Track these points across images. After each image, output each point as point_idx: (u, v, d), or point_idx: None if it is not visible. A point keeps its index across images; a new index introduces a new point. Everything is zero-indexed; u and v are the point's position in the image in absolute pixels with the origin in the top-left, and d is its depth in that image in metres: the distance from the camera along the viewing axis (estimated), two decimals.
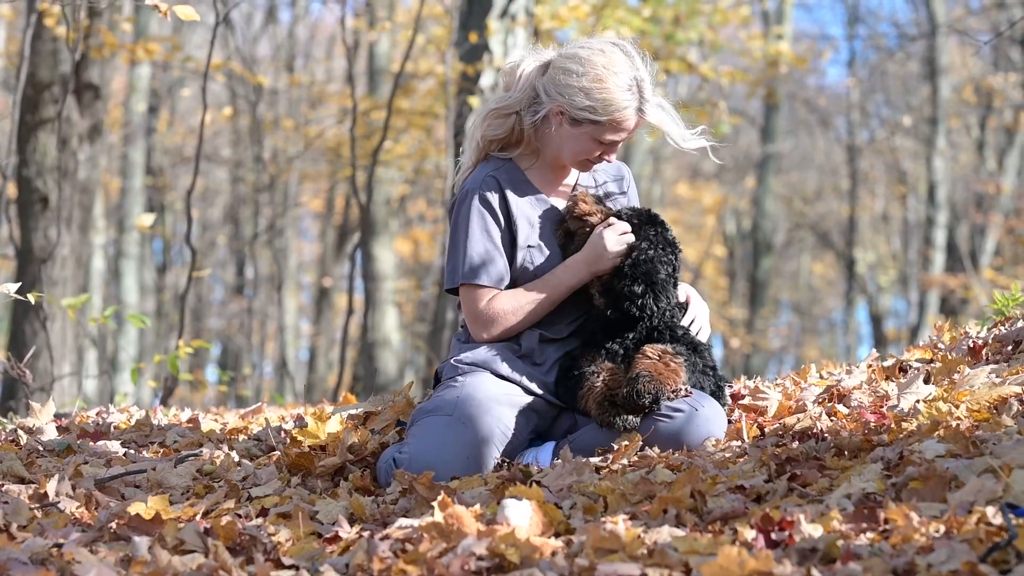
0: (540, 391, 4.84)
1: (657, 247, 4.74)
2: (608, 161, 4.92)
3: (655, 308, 4.68)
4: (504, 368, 4.86)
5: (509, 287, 4.93)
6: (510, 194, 4.95)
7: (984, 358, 5.23)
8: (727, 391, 4.95)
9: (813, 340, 44.54)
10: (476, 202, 4.93)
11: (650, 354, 4.59)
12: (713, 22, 17.72)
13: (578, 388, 4.69)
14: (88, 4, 10.74)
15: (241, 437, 5.71)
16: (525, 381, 4.84)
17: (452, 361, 4.98)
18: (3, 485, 4.49)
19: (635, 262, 4.70)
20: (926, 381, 4.84)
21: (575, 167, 4.98)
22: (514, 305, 4.86)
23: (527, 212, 4.96)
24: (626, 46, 4.85)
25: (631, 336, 4.73)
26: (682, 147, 5.04)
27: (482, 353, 4.90)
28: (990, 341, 5.35)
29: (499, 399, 4.72)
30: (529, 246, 4.92)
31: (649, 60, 4.88)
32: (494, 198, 4.92)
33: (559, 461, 4.27)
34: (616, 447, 4.44)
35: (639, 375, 4.47)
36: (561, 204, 5.05)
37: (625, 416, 4.51)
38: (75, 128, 11.63)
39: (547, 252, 4.93)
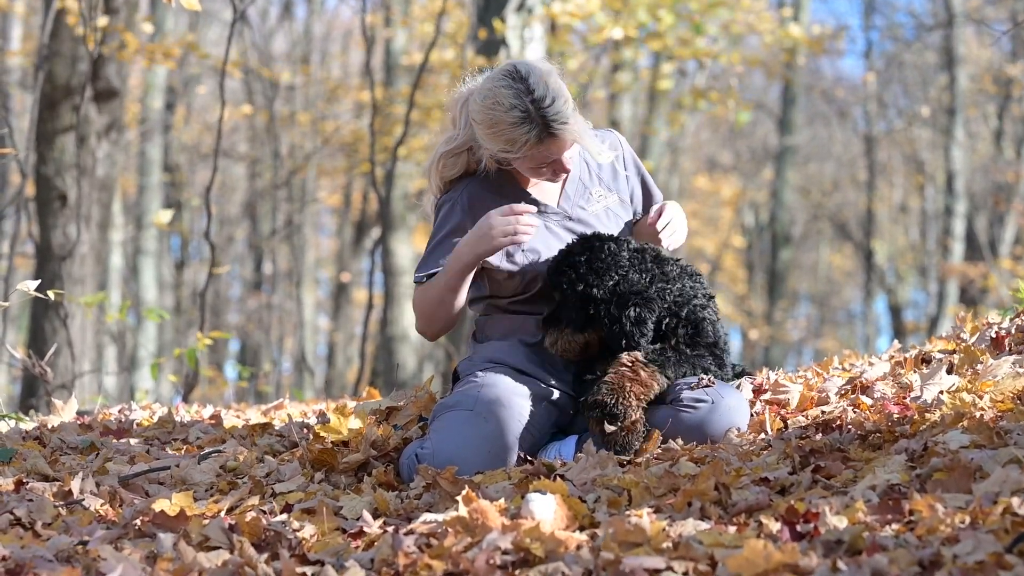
0: (559, 386, 4.84)
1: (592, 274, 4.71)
2: (566, 172, 4.82)
3: (641, 331, 4.66)
4: (522, 364, 4.87)
5: (508, 291, 4.98)
6: (499, 202, 4.90)
7: (1007, 348, 5.21)
8: (730, 365, 4.90)
9: (832, 331, 44.45)
10: (447, 209, 4.96)
11: (624, 361, 4.56)
12: (733, 13, 17.71)
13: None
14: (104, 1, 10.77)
15: (263, 433, 5.71)
16: (543, 376, 4.84)
17: (470, 358, 4.99)
18: (28, 483, 4.50)
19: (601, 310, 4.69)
20: (949, 372, 4.83)
21: (545, 181, 4.95)
22: (422, 299, 4.93)
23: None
24: (517, 68, 4.69)
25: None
26: (599, 160, 5.02)
27: (500, 350, 4.92)
28: (1012, 331, 5.34)
29: (519, 393, 4.72)
30: (524, 250, 4.91)
31: (546, 69, 4.71)
32: (465, 207, 4.91)
33: (582, 455, 4.27)
34: None
35: (598, 385, 4.50)
36: (552, 196, 5.03)
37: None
38: (93, 126, 11.66)
39: (539, 251, 4.92)
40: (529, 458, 4.58)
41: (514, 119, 4.61)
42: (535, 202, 4.98)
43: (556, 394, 4.84)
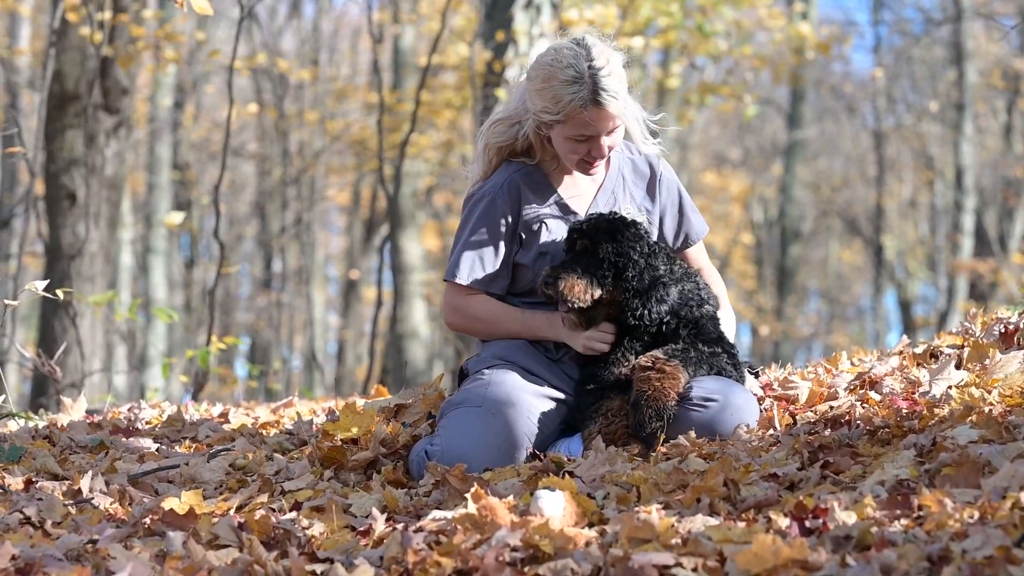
0: (565, 387, 4.84)
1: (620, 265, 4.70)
2: (600, 156, 4.81)
3: (659, 311, 4.66)
4: (530, 363, 4.86)
5: (519, 288, 4.98)
6: (530, 196, 4.93)
7: (1016, 343, 5.20)
8: (744, 368, 4.91)
9: (842, 327, 44.40)
10: (486, 205, 4.94)
11: (644, 364, 4.55)
12: (740, 9, 17.68)
13: (584, 422, 4.70)
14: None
15: (272, 431, 5.72)
16: (551, 375, 4.84)
17: (478, 356, 4.99)
18: (37, 482, 4.51)
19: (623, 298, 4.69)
20: (958, 367, 4.82)
21: (577, 170, 4.92)
22: (486, 320, 4.96)
23: (546, 216, 4.94)
24: (585, 39, 4.77)
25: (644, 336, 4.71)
26: (642, 150, 5.05)
27: (508, 348, 4.91)
28: (1022, 326, 5.33)
29: (527, 390, 4.73)
30: (542, 253, 4.91)
31: (614, 51, 4.78)
32: (506, 203, 4.91)
33: (591, 451, 4.27)
34: None
35: (636, 401, 4.46)
36: (582, 204, 5.02)
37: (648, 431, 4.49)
38: (101, 124, 11.67)
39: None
40: (538, 454, 4.59)
41: (567, 77, 4.65)
42: (566, 207, 4.98)
43: (564, 393, 4.84)
